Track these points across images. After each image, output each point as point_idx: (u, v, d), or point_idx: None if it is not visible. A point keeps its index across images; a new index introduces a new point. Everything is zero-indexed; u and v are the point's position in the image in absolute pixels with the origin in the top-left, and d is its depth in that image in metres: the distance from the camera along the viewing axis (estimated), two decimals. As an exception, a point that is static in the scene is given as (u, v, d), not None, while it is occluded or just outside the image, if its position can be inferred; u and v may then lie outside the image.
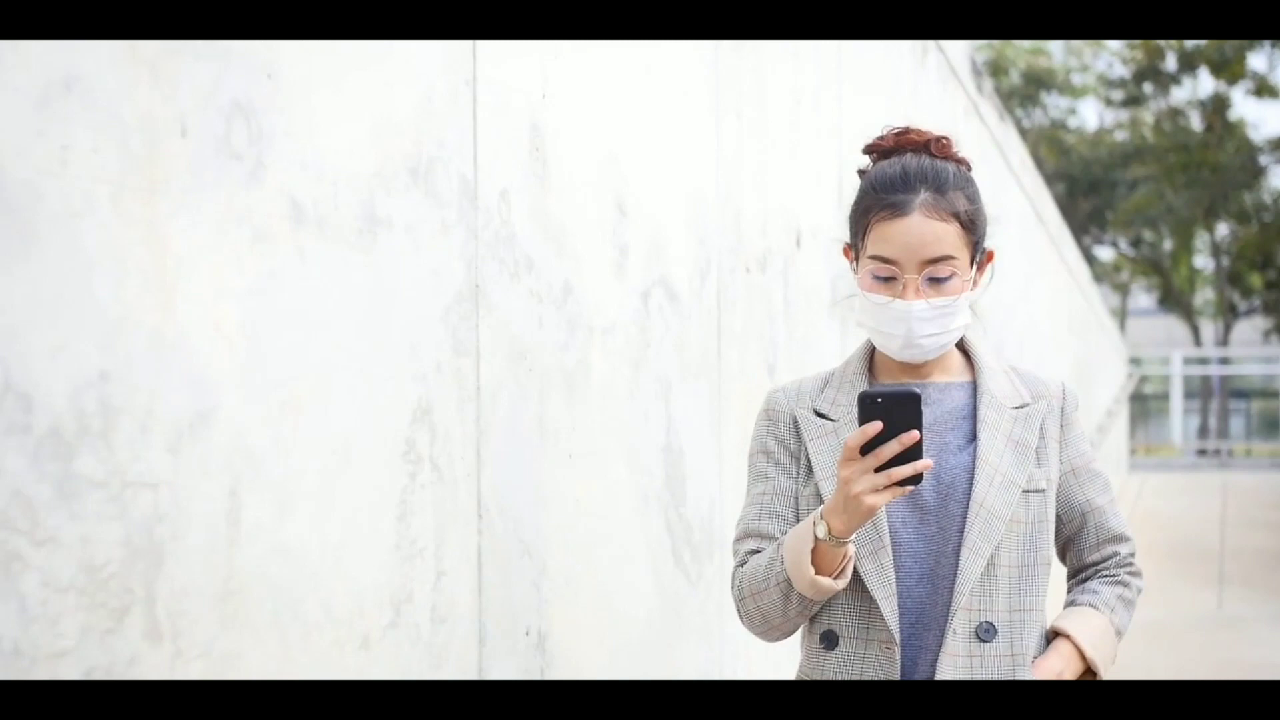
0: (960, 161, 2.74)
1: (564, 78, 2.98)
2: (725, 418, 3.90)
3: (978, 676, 2.61)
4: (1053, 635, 2.75)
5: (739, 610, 2.72)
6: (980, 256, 2.72)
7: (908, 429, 2.39)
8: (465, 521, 2.59)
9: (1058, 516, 2.79)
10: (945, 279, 2.61)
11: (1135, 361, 31.84)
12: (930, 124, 2.86)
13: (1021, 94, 41.58)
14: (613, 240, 3.20)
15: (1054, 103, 44.28)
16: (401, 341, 2.40)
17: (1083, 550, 2.85)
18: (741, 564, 2.72)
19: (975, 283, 2.72)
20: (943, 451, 2.67)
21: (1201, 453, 32.66)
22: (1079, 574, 2.88)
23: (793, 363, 4.48)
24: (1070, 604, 2.84)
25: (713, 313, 3.81)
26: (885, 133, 2.76)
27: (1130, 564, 2.87)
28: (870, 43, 5.51)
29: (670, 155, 3.55)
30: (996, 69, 40.11)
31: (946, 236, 2.60)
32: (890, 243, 2.61)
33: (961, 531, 2.62)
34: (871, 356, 2.79)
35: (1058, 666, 2.69)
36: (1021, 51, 41.13)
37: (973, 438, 2.70)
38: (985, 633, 2.63)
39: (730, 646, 3.90)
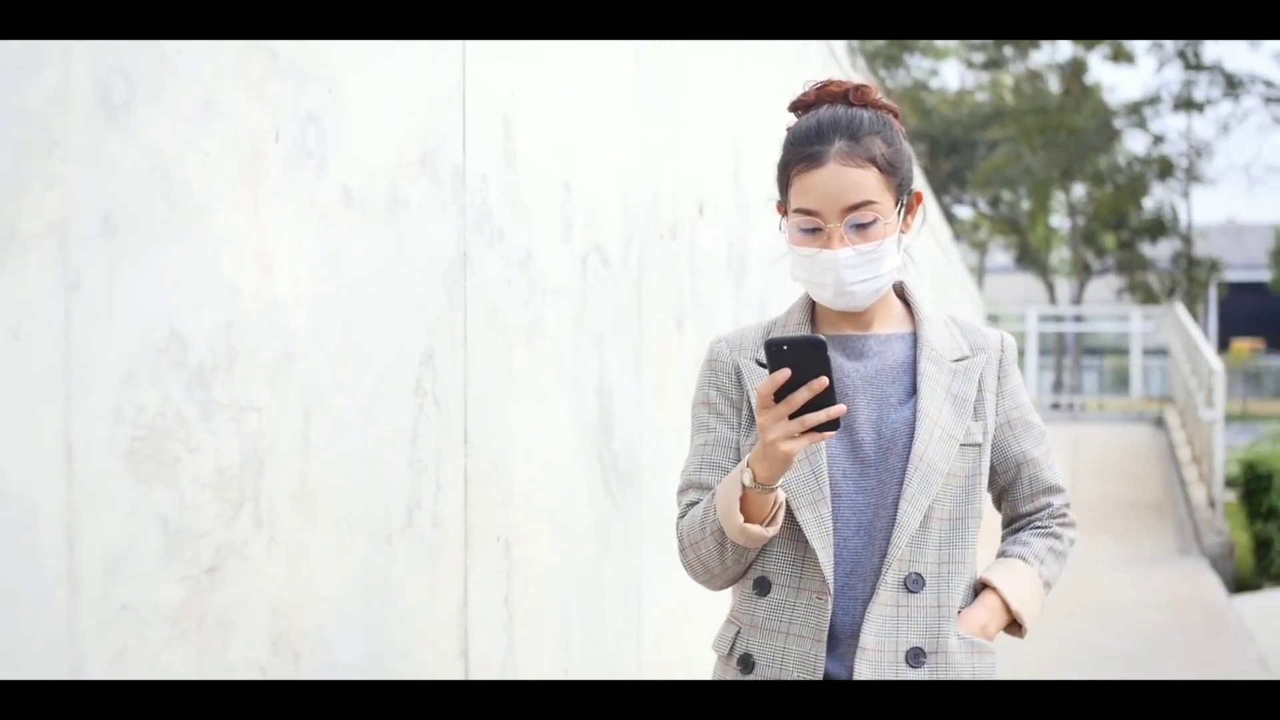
0: (882, 107, 2.76)
1: (528, 79, 3.56)
2: (644, 365, 4.49)
3: (903, 627, 2.66)
4: (981, 587, 2.80)
5: (682, 561, 2.79)
6: (907, 198, 2.73)
7: (816, 376, 2.42)
8: (455, 447, 3.17)
9: (993, 467, 2.84)
10: (868, 224, 2.63)
11: (992, 319, 32.55)
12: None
13: (885, 55, 42.22)
14: (561, 214, 3.78)
15: (916, 64, 44.88)
16: (412, 299, 2.98)
17: (1017, 501, 2.90)
18: (682, 515, 2.79)
19: (906, 225, 2.75)
20: (884, 406, 2.72)
21: (1055, 406, 33.56)
22: (1012, 524, 2.94)
23: (696, 318, 5.09)
24: (1001, 554, 2.89)
25: (635, 275, 4.40)
26: (808, 88, 2.80)
27: (1064, 515, 2.92)
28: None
29: (604, 140, 4.13)
30: (862, 31, 40.70)
31: (864, 182, 2.62)
32: (810, 194, 2.64)
33: (901, 484, 2.66)
34: (813, 307, 2.83)
35: (983, 619, 2.74)
36: (886, 14, 41.67)
37: (913, 391, 2.73)
38: (914, 583, 2.67)
39: (648, 561, 4.52)
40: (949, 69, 45.93)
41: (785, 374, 2.42)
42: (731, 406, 2.80)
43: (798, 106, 2.80)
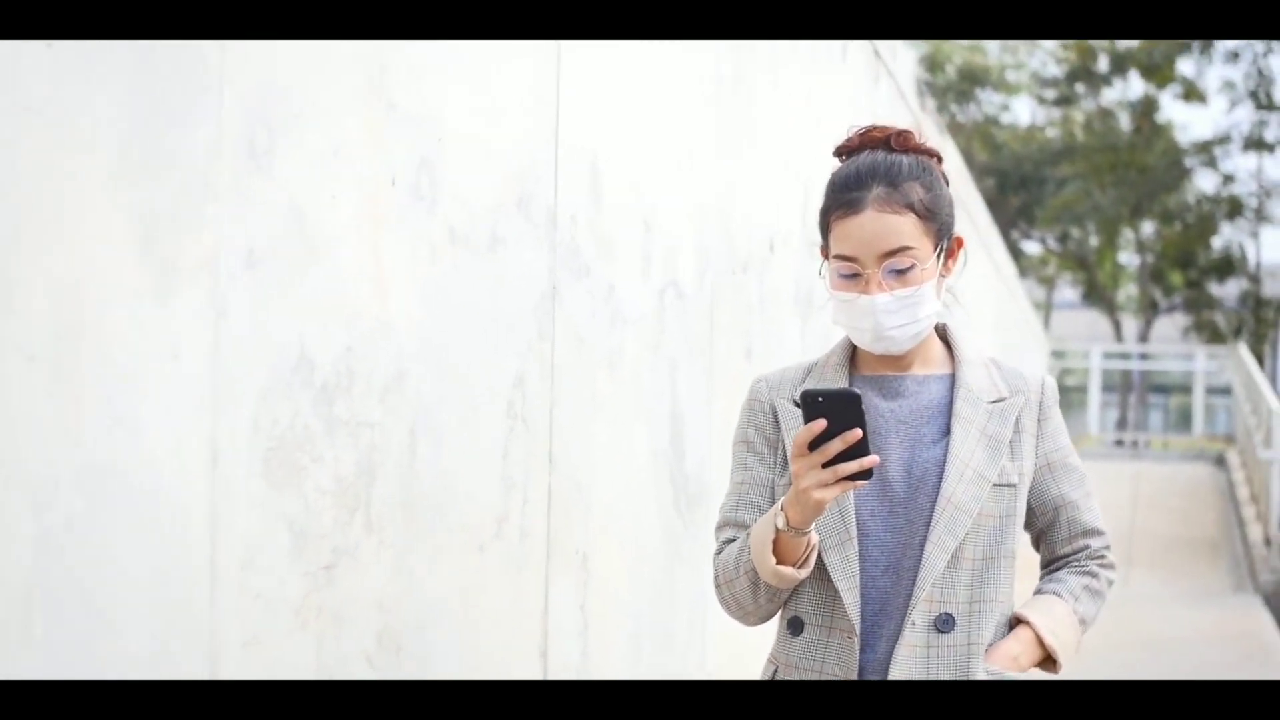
0: (923, 152, 2.77)
1: (612, 127, 3.83)
2: (715, 393, 4.76)
3: (933, 667, 2.66)
4: (1015, 623, 2.79)
5: (717, 597, 2.82)
6: (947, 243, 2.74)
7: (850, 427, 2.45)
8: (541, 465, 3.45)
9: (1031, 509, 2.83)
10: (906, 269, 2.64)
11: (1058, 354, 32.64)
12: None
13: (957, 89, 42.27)
14: (641, 251, 4.06)
15: (988, 99, 44.86)
16: (507, 328, 3.26)
17: (1055, 543, 2.89)
18: (718, 552, 2.82)
19: (948, 270, 2.77)
20: (916, 445, 2.72)
21: (1119, 443, 33.59)
22: (1050, 565, 2.93)
23: (765, 349, 5.35)
24: (1036, 592, 2.88)
25: (708, 308, 4.67)
26: (851, 133, 2.82)
27: (1102, 557, 2.90)
28: (834, 74, 6.39)
29: (681, 182, 4.40)
30: (934, 64, 40.80)
31: (902, 228, 2.63)
32: (848, 240, 2.66)
33: (929, 525, 2.67)
34: (854, 348, 2.84)
35: (1015, 650, 2.73)
36: (958, 48, 41.82)
37: (947, 431, 2.72)
38: (944, 624, 2.67)
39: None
40: (1020, 104, 45.82)
41: (821, 424, 2.45)
42: (769, 446, 2.82)
43: (841, 152, 2.83)
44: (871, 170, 2.68)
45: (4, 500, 1.88)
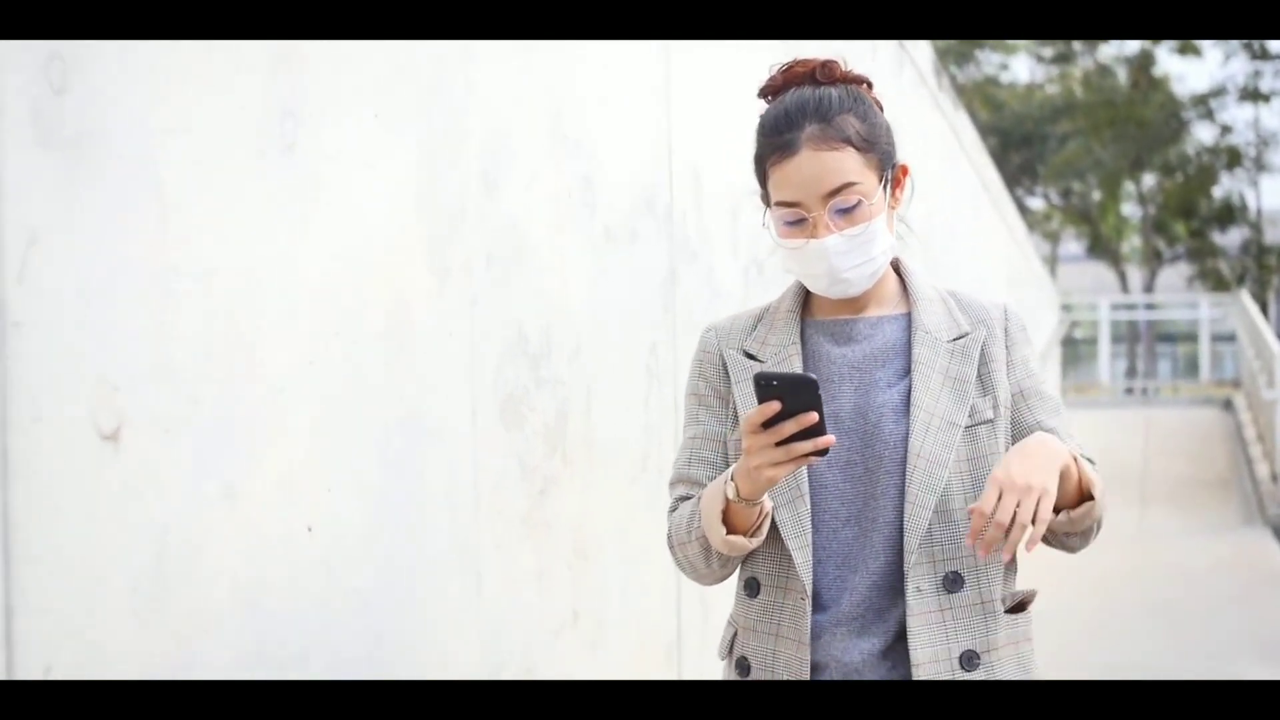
0: (852, 80, 2.62)
1: (707, 138, 4.67)
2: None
3: (950, 631, 2.52)
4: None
5: (672, 557, 2.71)
6: (891, 173, 2.58)
7: (806, 409, 2.31)
8: (669, 416, 4.28)
9: (1011, 440, 2.61)
10: (852, 207, 2.48)
11: (1066, 308, 33.10)
12: (904, 119, 3.58)
13: (957, 51, 42.87)
14: (729, 237, 4.89)
15: (987, 59, 45.43)
16: (643, 304, 4.09)
17: None
18: (672, 509, 2.71)
19: (896, 200, 2.62)
20: (871, 389, 2.57)
21: (1129, 391, 34.37)
22: None
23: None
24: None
25: (781, 280, 5.48)
26: (774, 72, 2.64)
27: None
28: (867, 70, 7.21)
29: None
30: (933, 28, 41.28)
31: (842, 164, 2.48)
32: (787, 184, 2.50)
33: (890, 474, 2.53)
34: (806, 292, 2.71)
35: (1053, 443, 2.41)
36: (956, 11, 42.16)
37: (905, 373, 2.59)
38: (952, 583, 2.53)
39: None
40: (1019, 63, 46.34)
41: (775, 407, 2.31)
42: (719, 399, 2.70)
43: (766, 93, 2.65)
44: (800, 108, 2.53)
45: (349, 444, 2.71)
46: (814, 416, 2.30)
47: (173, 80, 2.17)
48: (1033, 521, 2.32)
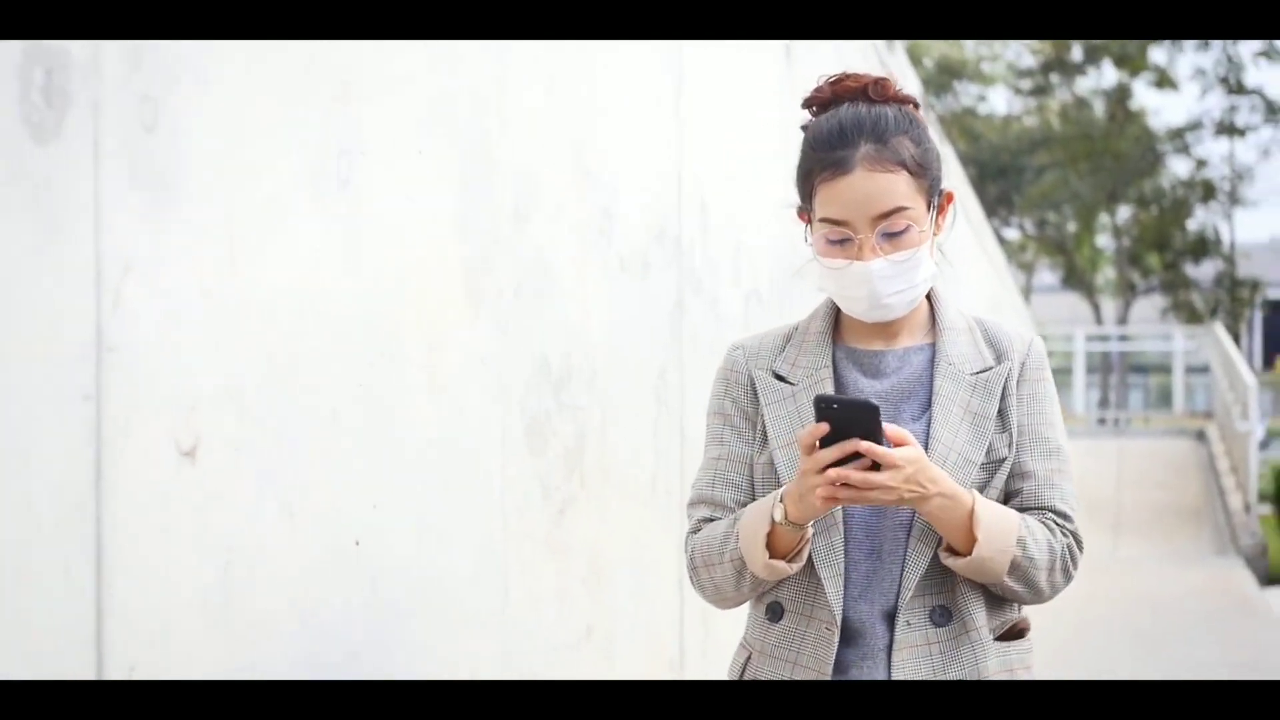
0: (904, 101, 2.55)
1: (713, 175, 4.82)
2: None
3: (937, 663, 2.51)
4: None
5: (691, 578, 2.65)
6: (938, 199, 2.54)
7: (864, 435, 2.31)
8: (676, 439, 4.43)
9: None
10: (901, 232, 2.45)
11: (1041, 338, 33.38)
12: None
13: (935, 82, 43.09)
14: (732, 267, 5.04)
15: (965, 90, 45.71)
16: (653, 331, 4.24)
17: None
18: (695, 530, 2.65)
19: (938, 227, 2.56)
20: (896, 423, 2.51)
21: (1101, 422, 34.68)
22: None
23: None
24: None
25: (780, 306, 5.66)
26: (822, 83, 2.58)
27: (1063, 524, 2.58)
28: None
29: (763, 213, 5.40)
30: (913, 59, 41.42)
31: (895, 187, 2.44)
32: (837, 202, 2.44)
33: (904, 509, 2.50)
34: (837, 313, 2.64)
35: (943, 482, 2.41)
36: (935, 42, 42.63)
37: (928, 405, 2.55)
38: (940, 616, 2.51)
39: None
40: (997, 95, 46.67)
41: (823, 429, 2.32)
42: (746, 420, 2.66)
43: (812, 103, 2.59)
44: (857, 125, 2.47)
45: (393, 464, 2.86)
46: (856, 444, 2.30)
47: (245, 121, 2.32)
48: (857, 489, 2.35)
